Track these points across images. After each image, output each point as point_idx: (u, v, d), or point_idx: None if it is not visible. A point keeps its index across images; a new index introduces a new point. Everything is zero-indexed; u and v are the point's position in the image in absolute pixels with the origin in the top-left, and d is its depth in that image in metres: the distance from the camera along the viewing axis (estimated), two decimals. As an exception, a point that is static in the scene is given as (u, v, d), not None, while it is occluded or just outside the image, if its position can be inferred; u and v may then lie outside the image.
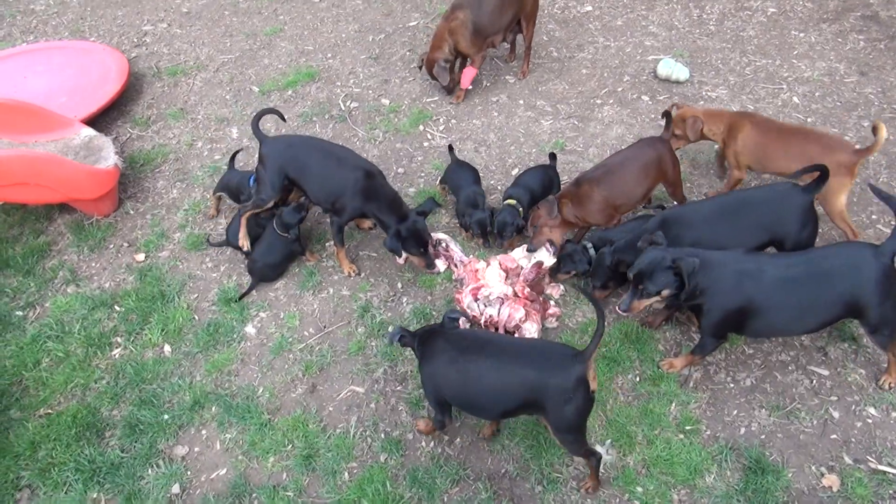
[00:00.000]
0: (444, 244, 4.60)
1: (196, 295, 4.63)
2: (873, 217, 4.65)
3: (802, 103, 5.55)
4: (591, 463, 3.38)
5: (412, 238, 4.29)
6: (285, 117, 5.28)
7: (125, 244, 5.04)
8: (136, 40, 7.17)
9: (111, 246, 5.04)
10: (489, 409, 3.32)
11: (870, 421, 3.67)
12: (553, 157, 5.00)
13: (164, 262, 4.87)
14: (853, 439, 3.61)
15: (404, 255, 4.47)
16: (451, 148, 5.19)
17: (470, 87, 5.88)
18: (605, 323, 3.10)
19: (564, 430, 3.17)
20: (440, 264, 4.57)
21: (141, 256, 4.92)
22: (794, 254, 3.63)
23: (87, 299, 4.63)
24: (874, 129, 3.97)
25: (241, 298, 4.55)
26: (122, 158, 5.44)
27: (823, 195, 4.06)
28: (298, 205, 4.54)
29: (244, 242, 4.58)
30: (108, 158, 5.18)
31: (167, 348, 4.34)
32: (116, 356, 4.34)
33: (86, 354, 4.33)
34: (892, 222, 4.58)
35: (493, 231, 4.59)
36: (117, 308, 4.60)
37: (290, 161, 4.42)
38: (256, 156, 4.55)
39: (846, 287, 3.38)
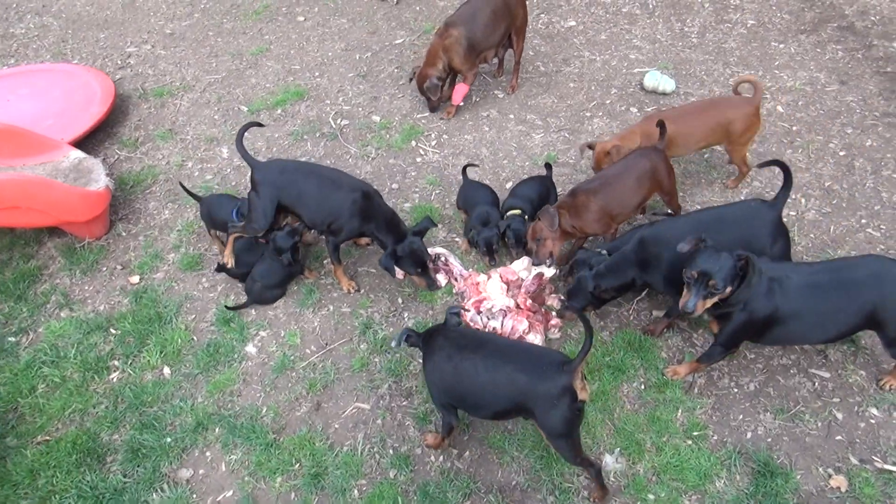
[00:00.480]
0: (443, 258, 4.61)
1: (194, 316, 4.58)
2: (862, 221, 4.75)
3: (787, 112, 5.67)
4: (589, 473, 3.39)
5: (409, 258, 4.29)
6: (276, 134, 5.28)
7: (119, 266, 4.97)
8: (119, 62, 7.12)
9: (104, 269, 4.97)
10: (482, 408, 3.36)
11: (873, 421, 3.73)
12: (549, 167, 5.04)
13: (159, 283, 4.81)
14: (858, 440, 3.66)
15: (400, 272, 4.47)
16: (465, 169, 5.14)
17: (461, 104, 5.92)
18: (594, 339, 3.14)
19: (554, 436, 3.21)
20: (441, 279, 4.57)
21: (135, 278, 4.86)
22: (817, 262, 3.68)
23: (82, 323, 4.56)
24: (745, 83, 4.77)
25: (231, 309, 4.52)
26: (112, 180, 5.38)
27: (736, 139, 4.69)
28: (292, 229, 4.51)
29: (229, 260, 4.55)
30: (99, 180, 5.12)
31: (167, 370, 4.28)
32: (114, 380, 4.27)
33: (83, 379, 4.25)
34: (882, 226, 4.69)
35: (507, 242, 4.58)
36: (113, 331, 4.53)
37: (284, 188, 4.33)
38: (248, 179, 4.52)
39: (869, 298, 3.41)
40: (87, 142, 5.92)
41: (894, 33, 6.36)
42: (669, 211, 4.71)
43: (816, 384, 3.91)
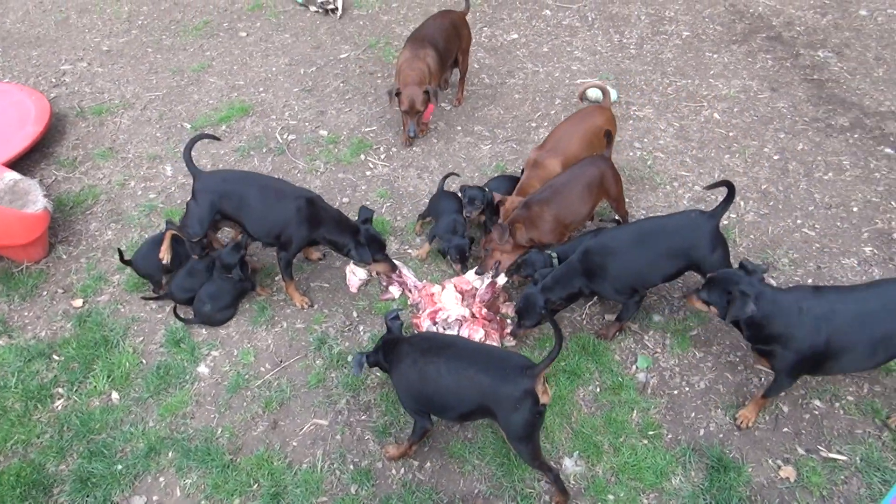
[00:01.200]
0: (397, 270, 4.61)
1: (142, 338, 4.46)
2: (798, 221, 4.95)
3: (723, 119, 5.89)
4: (548, 477, 3.44)
5: (373, 244, 4.32)
6: (221, 150, 5.21)
7: (60, 290, 4.81)
8: (54, 80, 6.91)
9: (45, 293, 4.79)
10: (448, 410, 3.40)
11: (816, 412, 3.88)
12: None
13: (104, 306, 4.67)
14: (803, 431, 3.80)
15: (359, 280, 4.47)
16: (444, 179, 5.17)
17: (431, 120, 5.91)
18: (562, 346, 3.20)
19: (515, 439, 3.26)
20: (394, 290, 4.57)
21: (78, 302, 4.70)
22: (859, 287, 3.59)
23: (22, 350, 4.38)
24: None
25: (180, 320, 4.50)
26: (51, 201, 5.21)
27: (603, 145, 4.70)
28: (236, 244, 4.44)
29: (165, 255, 4.49)
30: (37, 202, 4.94)
31: (115, 395, 4.15)
32: (59, 408, 4.11)
33: (25, 409, 4.08)
34: (816, 226, 4.90)
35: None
36: (56, 357, 4.37)
37: (225, 197, 4.31)
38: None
39: None
40: (22, 162, 5.71)
41: (818, 43, 6.68)
42: (618, 217, 4.82)
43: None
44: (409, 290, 4.56)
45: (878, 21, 6.94)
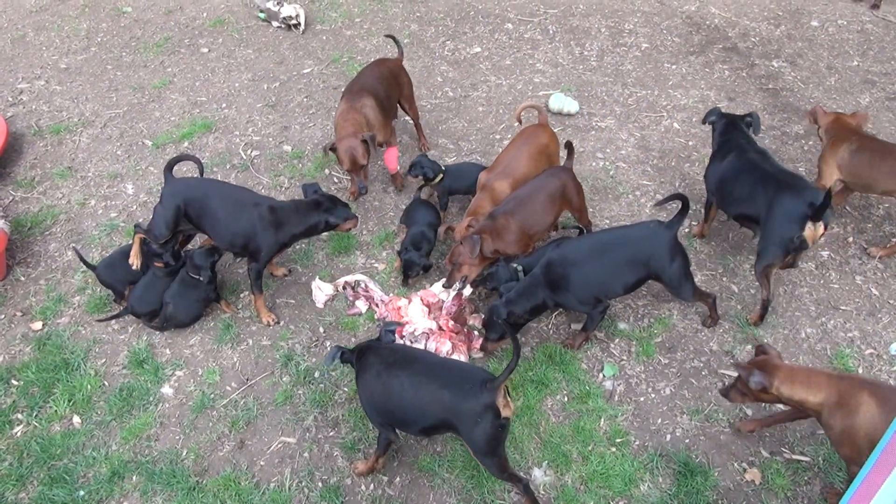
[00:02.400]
0: (363, 285, 4.60)
1: (104, 360, 4.38)
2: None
3: (682, 128, 5.99)
4: (518, 488, 3.45)
5: (336, 203, 4.44)
6: (184, 168, 5.16)
7: (18, 313, 4.70)
8: (10, 99, 6.78)
9: (2, 316, 4.68)
10: (410, 424, 3.41)
11: (779, 415, 3.95)
12: None
13: (64, 328, 4.58)
14: (767, 434, 3.86)
15: (325, 295, 4.56)
16: (421, 188, 5.27)
17: (399, 168, 5.55)
18: (519, 359, 3.23)
19: (480, 453, 3.28)
20: (361, 305, 4.56)
21: (38, 325, 4.60)
22: None
23: (-21, 376, 4.27)
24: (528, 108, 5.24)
25: (151, 326, 4.50)
26: (8, 222, 5.10)
27: (556, 158, 4.89)
28: (212, 248, 4.43)
29: (135, 261, 4.51)
30: (-7, 223, 4.84)
31: (76, 419, 4.06)
32: (18, 434, 4.01)
33: (-18, 436, 3.97)
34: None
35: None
36: (15, 382, 4.27)
37: (189, 201, 4.32)
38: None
39: None
40: (-23, 183, 5.59)
41: (773, 53, 6.85)
42: (580, 227, 4.87)
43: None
44: (376, 304, 4.54)
45: (829, 31, 7.15)
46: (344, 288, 4.62)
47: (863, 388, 3.09)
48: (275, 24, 7.64)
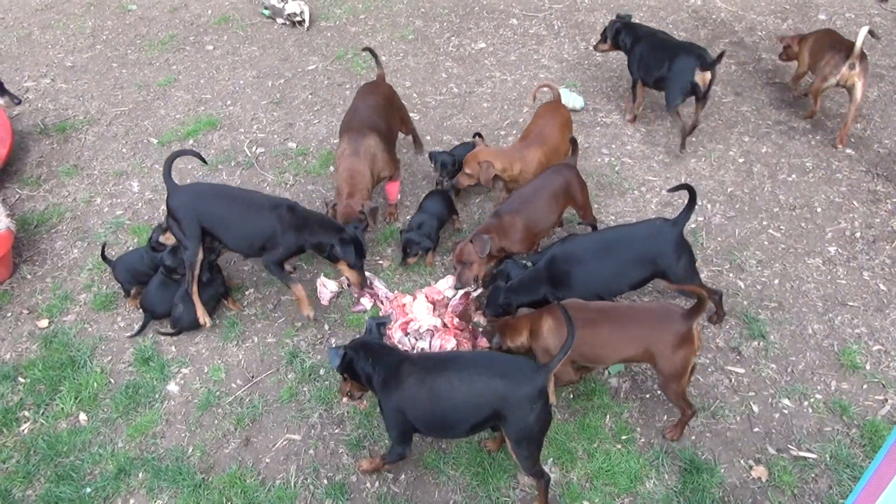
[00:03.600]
0: (367, 282, 4.59)
1: (110, 357, 4.39)
2: (764, 223, 5.03)
3: (689, 124, 5.96)
4: (540, 484, 3.43)
5: (354, 246, 4.22)
6: (189, 165, 5.16)
7: (25, 311, 4.72)
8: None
9: (9, 314, 4.70)
10: (460, 423, 3.30)
11: (786, 412, 3.93)
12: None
13: (70, 325, 4.59)
14: (774, 430, 3.85)
15: (330, 293, 4.48)
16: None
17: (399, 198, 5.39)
18: (574, 338, 3.19)
19: (524, 442, 3.22)
20: (366, 302, 4.56)
21: (44, 322, 4.62)
22: None
23: (-14, 374, 4.29)
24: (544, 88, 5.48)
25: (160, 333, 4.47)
26: (14, 221, 5.12)
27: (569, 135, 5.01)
28: (175, 247, 4.38)
29: (205, 319, 4.38)
30: (-1, 222, 4.86)
31: (83, 417, 4.08)
32: (25, 431, 4.03)
33: (-10, 433, 4.00)
34: (781, 227, 4.97)
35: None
36: (21, 380, 4.30)
37: (202, 212, 4.24)
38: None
39: None
40: (-17, 182, 5.62)
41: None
42: (584, 223, 4.85)
43: (733, 380, 4.09)
44: (381, 302, 4.54)
45: (837, 25, 7.08)
46: (349, 285, 4.62)
47: (542, 314, 3.78)
48: (279, 20, 7.63)
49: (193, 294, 4.31)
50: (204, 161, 4.86)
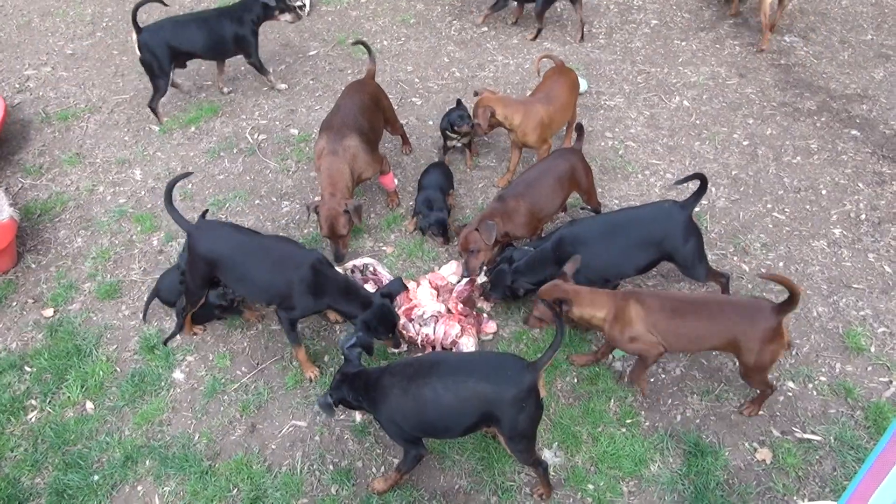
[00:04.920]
0: (371, 268, 4.59)
1: (115, 346, 4.40)
2: (768, 206, 5.00)
3: (693, 106, 5.92)
4: (538, 472, 3.44)
5: (382, 325, 3.85)
6: (191, 153, 5.14)
7: (30, 300, 4.73)
8: (17, 86, 6.78)
9: (14, 304, 4.71)
10: (451, 429, 3.31)
11: (790, 394, 3.93)
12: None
13: (75, 314, 4.60)
14: (778, 413, 3.85)
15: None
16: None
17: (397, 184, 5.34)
18: (563, 336, 3.20)
19: (518, 438, 3.22)
20: (370, 289, 4.54)
21: (49, 311, 4.63)
22: None
23: (-7, 363, 4.31)
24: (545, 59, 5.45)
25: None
26: (17, 210, 5.12)
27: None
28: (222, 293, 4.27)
29: (195, 329, 4.36)
30: (2, 211, 4.85)
31: (89, 405, 4.10)
32: (33, 420, 4.05)
33: (-3, 422, 4.02)
34: (786, 209, 4.95)
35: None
36: (28, 369, 4.31)
37: (219, 263, 3.93)
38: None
39: None
40: (-14, 171, 5.62)
41: (785, 28, 6.74)
42: (589, 208, 4.83)
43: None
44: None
45: (843, 4, 7.03)
46: (352, 272, 4.61)
47: (628, 299, 3.64)
48: (280, 6, 7.57)
49: (186, 320, 4.28)
50: (189, 173, 4.67)
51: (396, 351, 4.24)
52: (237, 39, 5.98)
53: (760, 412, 3.81)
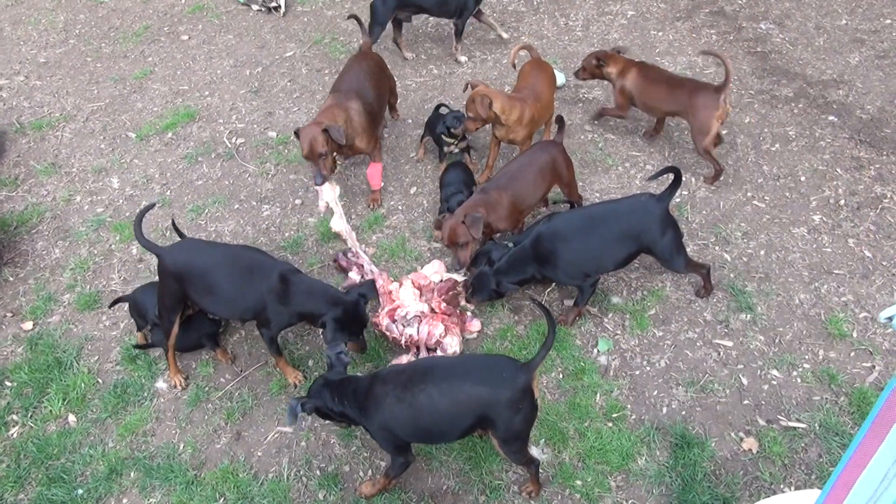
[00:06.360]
0: (352, 250, 4.57)
1: (97, 357, 4.36)
2: (748, 194, 5.02)
3: (671, 97, 5.91)
4: (530, 470, 3.44)
5: (354, 323, 3.84)
6: (169, 159, 5.08)
7: (8, 314, 4.67)
8: (-10, 96, 6.69)
9: (-8, 318, 4.66)
10: (447, 434, 3.30)
11: (774, 382, 3.95)
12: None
13: (55, 327, 4.55)
14: (763, 402, 3.86)
15: (323, 205, 4.57)
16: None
17: (382, 184, 5.27)
18: (554, 335, 3.17)
19: (512, 439, 3.21)
20: (354, 276, 4.51)
21: (28, 325, 4.58)
22: None
23: (-28, 379, 4.26)
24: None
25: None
26: (-7, 223, 5.07)
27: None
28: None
29: (177, 380, 4.12)
30: (-23, 224, 4.79)
31: (71, 418, 4.06)
32: (14, 435, 4.01)
33: (-22, 439, 3.97)
34: (766, 197, 4.96)
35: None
36: (8, 384, 4.26)
37: (188, 280, 3.84)
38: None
39: None
40: (-40, 184, 5.53)
41: (760, 15, 6.76)
42: (569, 201, 4.82)
43: (721, 353, 4.10)
44: (365, 273, 4.49)
45: (818, -10, 7.04)
46: (334, 261, 4.59)
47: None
48: (254, 7, 7.51)
49: (170, 356, 4.11)
50: (153, 205, 4.48)
51: (350, 284, 4.37)
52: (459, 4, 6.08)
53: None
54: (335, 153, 4.81)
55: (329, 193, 4.66)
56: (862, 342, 4.08)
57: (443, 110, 5.38)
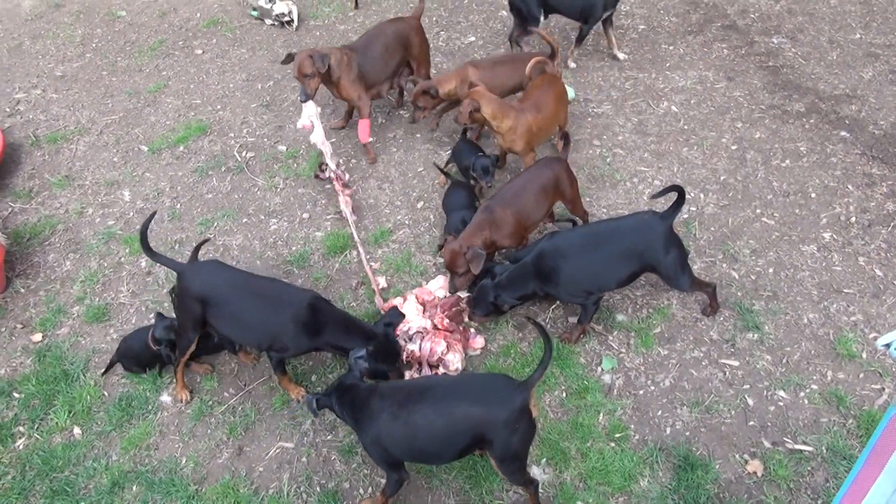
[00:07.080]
0: (331, 164, 5.15)
1: (103, 370, 4.39)
2: (757, 211, 4.97)
3: (681, 111, 5.89)
4: (529, 490, 3.41)
5: (388, 356, 3.81)
6: (179, 172, 5.13)
7: (18, 325, 4.73)
8: (8, 109, 6.80)
9: (2, 329, 4.71)
10: (443, 454, 3.28)
11: (781, 403, 3.89)
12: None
13: (63, 339, 4.60)
14: (769, 423, 3.80)
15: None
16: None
17: (372, 139, 5.67)
18: (552, 353, 3.16)
19: (509, 460, 3.19)
20: (344, 206, 4.92)
21: (37, 336, 4.63)
22: None
23: (-19, 390, 4.31)
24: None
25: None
26: (6, 235, 5.14)
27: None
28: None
29: (183, 395, 4.15)
30: (-9, 237, 4.87)
31: (77, 431, 4.09)
32: (21, 447, 4.05)
33: (-15, 450, 4.01)
34: (775, 214, 4.91)
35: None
36: (16, 395, 4.31)
37: (211, 305, 3.81)
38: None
39: None
40: (-25, 197, 5.63)
41: (772, 29, 6.71)
42: (575, 218, 4.80)
43: (727, 373, 4.05)
44: (345, 185, 5.12)
45: (831, 4, 6.98)
46: (323, 168, 5.24)
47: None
48: (268, 21, 7.59)
49: (179, 369, 4.14)
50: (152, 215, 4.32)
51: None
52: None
53: None
54: (330, 90, 5.48)
55: (311, 108, 5.22)
56: (872, 363, 4.02)
57: (469, 135, 5.49)
